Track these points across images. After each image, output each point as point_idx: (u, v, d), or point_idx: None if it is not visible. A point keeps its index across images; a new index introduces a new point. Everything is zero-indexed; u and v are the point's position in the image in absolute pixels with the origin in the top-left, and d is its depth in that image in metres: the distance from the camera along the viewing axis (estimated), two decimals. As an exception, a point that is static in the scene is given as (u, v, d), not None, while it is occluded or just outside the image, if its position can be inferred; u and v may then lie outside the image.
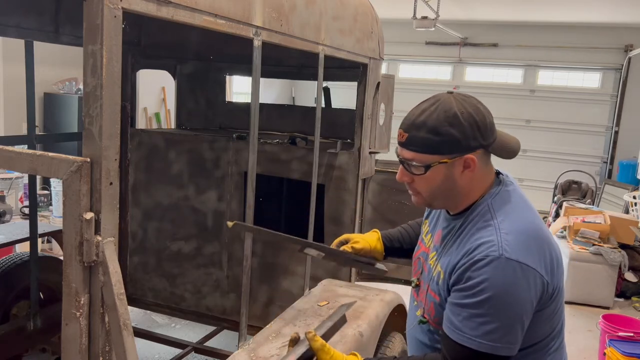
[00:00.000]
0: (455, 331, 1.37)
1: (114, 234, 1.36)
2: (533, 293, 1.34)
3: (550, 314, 1.43)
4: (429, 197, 1.49)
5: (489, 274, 1.32)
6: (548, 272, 1.38)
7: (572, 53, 9.74)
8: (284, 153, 3.38)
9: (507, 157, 1.47)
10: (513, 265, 1.31)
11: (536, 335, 1.43)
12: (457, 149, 1.39)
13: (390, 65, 10.88)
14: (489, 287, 1.31)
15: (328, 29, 2.50)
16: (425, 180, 1.44)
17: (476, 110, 1.40)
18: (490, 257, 1.32)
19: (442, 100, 1.41)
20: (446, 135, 1.37)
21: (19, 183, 6.29)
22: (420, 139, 1.40)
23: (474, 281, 1.33)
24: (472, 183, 1.46)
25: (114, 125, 1.32)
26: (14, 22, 2.80)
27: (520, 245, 1.35)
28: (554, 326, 1.47)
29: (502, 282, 1.31)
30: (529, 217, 1.43)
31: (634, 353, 3.79)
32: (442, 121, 1.37)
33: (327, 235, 3.28)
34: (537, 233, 1.40)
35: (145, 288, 3.84)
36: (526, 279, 1.33)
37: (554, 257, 1.41)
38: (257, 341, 2.22)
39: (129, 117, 3.68)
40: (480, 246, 1.36)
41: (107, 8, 1.26)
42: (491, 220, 1.40)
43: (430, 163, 1.40)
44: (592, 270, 5.61)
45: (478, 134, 1.39)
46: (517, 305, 1.33)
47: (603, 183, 9.14)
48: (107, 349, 1.37)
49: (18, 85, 4.40)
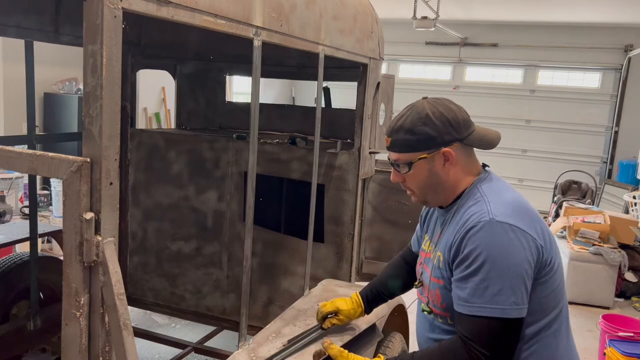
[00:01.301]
0: (464, 305, 1.43)
1: (114, 234, 1.36)
2: (529, 253, 1.42)
3: (546, 289, 1.48)
4: (421, 194, 1.64)
5: (483, 238, 1.42)
6: (540, 237, 1.46)
7: (572, 53, 9.74)
8: (284, 153, 3.39)
9: (486, 148, 1.59)
10: (504, 227, 1.41)
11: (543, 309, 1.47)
12: (433, 145, 1.55)
13: (390, 65, 10.88)
14: (484, 250, 1.40)
15: (328, 29, 2.50)
16: (413, 178, 1.60)
17: (447, 109, 1.57)
18: (482, 222, 1.43)
19: (416, 105, 1.59)
20: (421, 133, 1.54)
21: (19, 183, 6.28)
22: (400, 140, 1.58)
23: (470, 248, 1.43)
24: (457, 175, 1.59)
25: (114, 125, 1.32)
26: (14, 22, 2.80)
27: (510, 212, 1.45)
28: (551, 307, 1.51)
29: (496, 243, 1.40)
30: (517, 197, 1.54)
31: (634, 353, 3.79)
32: (416, 122, 1.55)
33: (327, 235, 3.28)
34: (526, 208, 1.50)
35: (145, 288, 3.84)
36: (518, 239, 1.41)
37: (544, 230, 1.49)
38: (257, 341, 2.22)
39: (129, 117, 3.68)
40: (472, 216, 1.47)
41: (107, 8, 1.26)
42: (480, 198, 1.52)
43: (411, 160, 1.57)
44: (592, 270, 5.61)
45: (451, 129, 1.54)
46: (515, 264, 1.40)
47: (603, 183, 9.14)
48: (107, 349, 1.37)
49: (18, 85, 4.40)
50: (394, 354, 2.67)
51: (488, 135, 1.60)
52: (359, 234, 3.34)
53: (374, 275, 3.56)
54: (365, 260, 3.53)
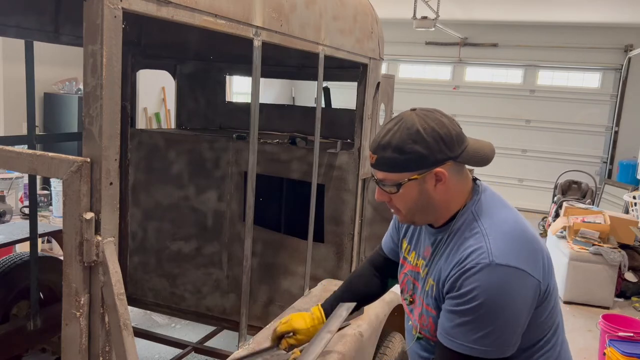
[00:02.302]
0: (447, 337, 1.39)
1: (114, 234, 1.36)
2: (526, 295, 1.36)
3: (542, 314, 1.43)
4: (408, 214, 1.51)
5: (481, 281, 1.33)
6: (539, 272, 1.38)
7: (572, 53, 9.74)
8: (284, 153, 3.39)
9: (480, 165, 1.47)
10: (504, 271, 1.33)
11: (529, 337, 1.43)
12: (425, 165, 1.41)
13: (390, 65, 10.88)
14: (480, 294, 1.32)
15: (328, 29, 2.50)
16: (401, 198, 1.47)
17: (439, 124, 1.41)
18: (481, 264, 1.34)
19: (405, 118, 1.43)
20: (411, 152, 1.40)
21: (19, 183, 6.28)
22: (387, 159, 1.42)
23: (466, 289, 1.35)
24: (449, 194, 1.47)
25: (114, 125, 1.32)
26: (14, 22, 2.80)
27: (510, 249, 1.36)
28: (548, 327, 1.46)
29: (494, 287, 1.32)
30: (513, 219, 1.45)
31: (634, 353, 3.79)
32: (405, 139, 1.40)
33: (327, 235, 3.28)
34: (524, 234, 1.42)
35: (145, 288, 3.84)
36: (518, 282, 1.34)
37: (544, 256, 1.42)
38: (257, 341, 2.22)
39: (129, 117, 3.68)
40: (471, 255, 1.37)
41: (107, 8, 1.26)
42: (477, 228, 1.42)
43: (400, 181, 1.43)
44: (592, 270, 5.61)
45: (444, 146, 1.41)
46: (510, 308, 1.33)
47: (603, 183, 9.14)
48: (107, 349, 1.37)
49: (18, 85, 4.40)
50: (394, 354, 2.67)
51: (482, 150, 1.47)
52: (359, 234, 3.34)
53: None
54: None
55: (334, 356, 2.17)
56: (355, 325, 2.34)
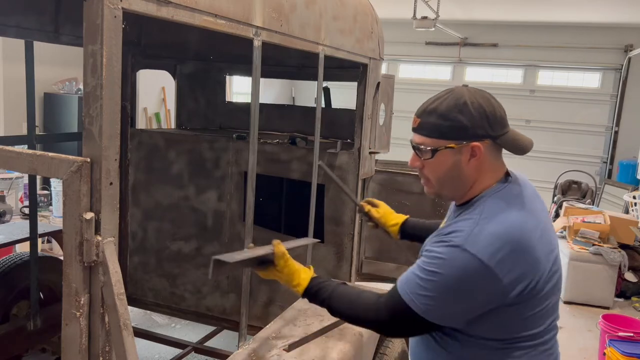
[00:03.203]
0: (402, 281, 1.48)
1: (114, 234, 1.36)
2: (480, 290, 1.37)
3: (524, 314, 1.43)
4: (437, 185, 1.54)
5: (446, 255, 1.39)
6: (512, 277, 1.37)
7: (572, 53, 9.74)
8: (284, 153, 3.39)
9: (517, 153, 1.49)
10: (469, 258, 1.36)
11: (507, 330, 1.45)
12: (464, 136, 1.44)
13: (390, 65, 10.88)
14: (441, 266, 1.38)
15: (328, 29, 2.50)
16: (433, 166, 1.50)
17: (487, 102, 1.47)
18: (453, 242, 1.39)
19: (456, 90, 1.49)
20: (454, 120, 1.44)
21: (19, 183, 6.28)
22: (430, 124, 1.47)
23: (432, 254, 1.42)
24: (478, 174, 1.49)
25: (114, 125, 1.32)
26: (14, 22, 2.80)
27: (487, 245, 1.36)
28: (531, 327, 1.46)
29: (454, 267, 1.37)
30: (517, 222, 1.42)
31: (634, 353, 3.80)
32: (452, 108, 1.45)
33: (327, 235, 3.28)
34: (516, 239, 1.39)
35: (145, 288, 3.84)
36: (477, 275, 1.36)
37: (529, 266, 1.40)
38: (257, 341, 2.22)
39: (129, 117, 3.68)
40: (454, 232, 1.42)
41: (107, 8, 1.26)
42: (477, 215, 1.44)
43: (437, 147, 1.46)
44: (592, 270, 5.61)
45: (486, 123, 1.45)
46: (460, 293, 1.38)
47: (603, 183, 9.14)
48: (107, 349, 1.37)
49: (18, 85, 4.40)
50: (394, 354, 2.67)
51: (521, 140, 1.49)
52: (359, 234, 3.34)
53: (374, 275, 3.58)
54: (365, 260, 3.54)
55: (334, 356, 2.17)
56: (356, 325, 2.34)
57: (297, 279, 1.68)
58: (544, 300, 1.45)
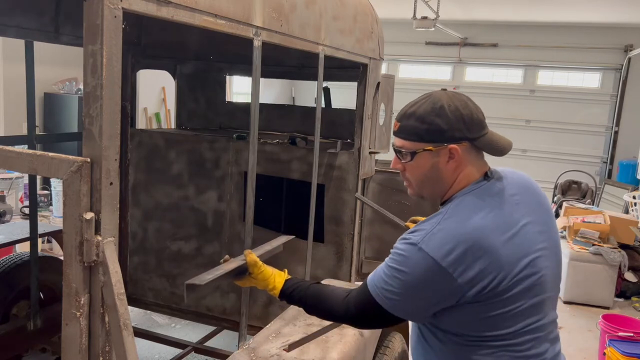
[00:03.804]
0: (372, 276, 1.54)
1: (114, 234, 1.36)
2: (435, 288, 1.42)
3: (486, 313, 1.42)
4: (417, 186, 1.60)
5: (406, 253, 1.45)
6: (467, 277, 1.38)
7: (572, 53, 9.74)
8: (284, 153, 3.39)
9: (495, 154, 1.52)
10: (423, 257, 1.41)
11: (469, 327, 1.46)
12: (442, 138, 1.49)
13: (390, 65, 10.88)
14: (401, 262, 1.45)
15: (328, 29, 2.50)
16: (413, 168, 1.56)
17: (464, 105, 1.51)
18: (411, 240, 1.45)
19: (433, 95, 1.55)
20: (431, 124, 1.49)
21: (19, 183, 6.28)
22: (409, 127, 1.53)
23: (395, 250, 1.49)
24: (456, 175, 1.53)
25: (114, 125, 1.32)
26: (14, 22, 2.80)
27: (443, 245, 1.40)
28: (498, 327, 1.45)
29: (409, 264, 1.43)
30: (477, 223, 1.42)
31: (634, 353, 3.80)
32: (429, 112, 1.50)
33: (327, 235, 3.28)
34: (474, 239, 1.40)
35: (145, 288, 3.84)
36: (431, 272, 1.40)
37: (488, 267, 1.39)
38: (257, 341, 2.23)
39: (129, 117, 3.68)
40: (415, 231, 1.47)
41: (107, 8, 1.26)
42: (440, 215, 1.48)
43: (416, 150, 1.52)
44: (592, 270, 5.61)
45: (463, 126, 1.49)
46: (417, 290, 1.44)
47: (603, 183, 9.14)
48: (107, 349, 1.37)
49: (18, 85, 4.40)
50: (394, 354, 2.67)
51: (500, 142, 1.52)
52: (359, 234, 3.34)
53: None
54: (365, 260, 3.53)
55: (334, 356, 2.17)
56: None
57: (272, 282, 1.77)
58: (513, 302, 1.43)
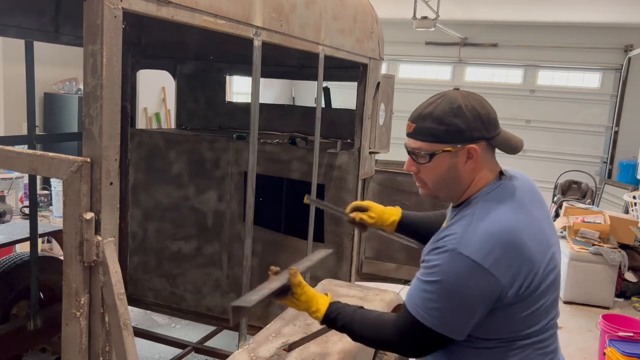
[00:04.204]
0: (409, 299, 1.48)
1: (114, 234, 1.36)
2: (481, 292, 1.38)
3: (519, 313, 1.43)
4: (434, 188, 1.56)
5: (441, 261, 1.40)
6: (509, 277, 1.38)
7: (572, 53, 9.74)
8: (284, 153, 3.39)
9: (509, 152, 1.53)
10: (464, 261, 1.37)
11: (503, 331, 1.45)
12: (461, 139, 1.47)
13: (390, 65, 10.88)
14: (438, 273, 1.40)
15: (328, 29, 2.50)
16: (430, 170, 1.52)
17: (480, 104, 1.50)
18: (447, 247, 1.41)
19: (448, 94, 1.52)
20: (450, 124, 1.46)
21: (19, 183, 6.28)
22: (426, 128, 1.49)
23: (429, 264, 1.44)
24: (474, 175, 1.52)
25: (114, 125, 1.32)
26: (14, 22, 2.80)
27: (481, 245, 1.38)
28: (528, 325, 1.46)
29: (451, 272, 1.39)
30: (507, 223, 1.43)
31: (634, 353, 3.79)
32: (447, 112, 1.47)
33: (327, 235, 3.28)
34: (509, 240, 1.40)
35: (145, 288, 3.84)
36: (475, 276, 1.37)
37: (523, 265, 1.41)
38: (257, 341, 2.23)
39: (129, 117, 3.68)
40: (447, 236, 1.44)
41: (107, 8, 1.26)
42: (470, 216, 1.46)
43: (434, 151, 1.48)
44: (592, 270, 5.61)
45: (481, 125, 1.47)
46: (459, 297, 1.39)
47: (603, 183, 9.14)
48: (107, 349, 1.37)
49: (18, 85, 4.40)
50: (394, 354, 2.67)
51: (513, 140, 1.54)
52: (359, 234, 3.34)
53: (374, 275, 3.58)
54: (365, 260, 3.53)
55: (334, 356, 2.17)
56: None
57: (315, 305, 1.66)
58: (541, 298, 1.45)
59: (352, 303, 1.68)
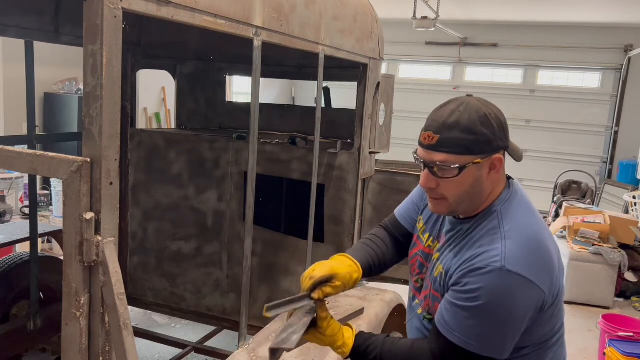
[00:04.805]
0: (444, 326, 1.39)
1: (114, 234, 1.36)
2: (529, 306, 1.35)
3: (550, 316, 1.44)
4: (455, 202, 1.44)
5: (486, 282, 1.33)
6: (548, 285, 1.37)
7: (572, 53, 9.74)
8: (284, 153, 3.39)
9: (518, 160, 1.48)
10: (513, 278, 1.32)
11: (537, 336, 1.45)
12: (488, 149, 1.38)
13: (390, 65, 10.88)
14: (484, 295, 1.32)
15: (328, 29, 2.50)
16: (455, 184, 1.40)
17: (499, 111, 1.43)
18: (492, 267, 1.33)
19: (468, 102, 1.41)
20: (480, 134, 1.36)
21: (19, 183, 6.28)
22: (454, 139, 1.36)
23: (471, 287, 1.34)
24: (493, 185, 1.46)
25: (114, 125, 1.32)
26: (14, 22, 2.80)
27: (524, 257, 1.34)
28: (554, 325, 1.48)
29: (499, 292, 1.32)
30: (534, 226, 1.42)
31: (634, 353, 3.80)
32: (475, 121, 1.36)
33: (327, 235, 3.28)
34: (542, 245, 1.39)
35: (145, 288, 3.84)
36: (524, 292, 1.33)
37: (556, 265, 1.41)
38: (257, 341, 2.23)
39: (129, 117, 3.68)
40: (483, 254, 1.36)
41: (107, 8, 1.26)
42: (498, 228, 1.40)
43: (465, 164, 1.37)
44: (592, 270, 5.61)
45: (503, 134, 1.41)
46: (509, 316, 1.34)
47: (603, 183, 9.14)
48: (107, 349, 1.37)
49: (18, 85, 4.40)
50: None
51: (518, 148, 1.49)
52: (359, 234, 3.34)
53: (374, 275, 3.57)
54: (365, 260, 3.53)
55: (334, 356, 2.17)
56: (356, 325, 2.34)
57: (341, 338, 1.53)
58: (562, 295, 1.46)
59: (352, 303, 1.66)
